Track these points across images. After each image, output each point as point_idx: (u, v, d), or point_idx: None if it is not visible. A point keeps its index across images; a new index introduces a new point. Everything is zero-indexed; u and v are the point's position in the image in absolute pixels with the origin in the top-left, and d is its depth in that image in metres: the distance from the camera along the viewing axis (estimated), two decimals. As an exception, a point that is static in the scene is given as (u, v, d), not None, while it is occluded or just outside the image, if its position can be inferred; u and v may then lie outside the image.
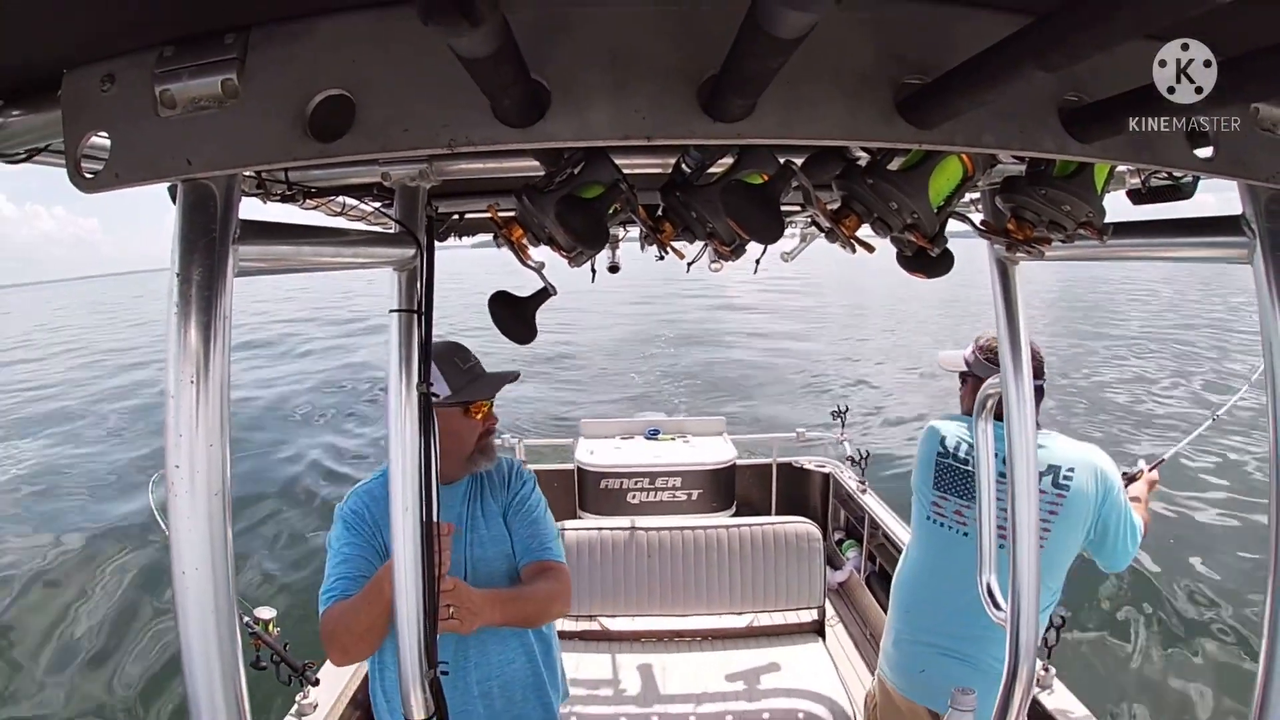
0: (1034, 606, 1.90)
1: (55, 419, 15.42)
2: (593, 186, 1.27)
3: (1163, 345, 20.39)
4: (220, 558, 0.99)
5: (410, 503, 1.81)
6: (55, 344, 33.06)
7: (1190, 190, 1.46)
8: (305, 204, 1.75)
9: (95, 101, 0.94)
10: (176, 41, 0.92)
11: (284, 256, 1.21)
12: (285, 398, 15.78)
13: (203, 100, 0.91)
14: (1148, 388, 15.13)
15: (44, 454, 12.77)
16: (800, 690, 2.91)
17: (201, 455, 0.96)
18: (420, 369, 1.78)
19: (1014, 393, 1.85)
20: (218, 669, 1.01)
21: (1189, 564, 6.99)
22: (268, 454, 11.41)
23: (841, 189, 1.22)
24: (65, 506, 9.75)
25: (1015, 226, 1.27)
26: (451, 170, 1.54)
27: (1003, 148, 0.98)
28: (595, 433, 5.36)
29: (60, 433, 14.21)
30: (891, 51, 0.93)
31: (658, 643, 3.32)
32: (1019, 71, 0.73)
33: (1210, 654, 5.68)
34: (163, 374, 0.96)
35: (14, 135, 1.07)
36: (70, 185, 0.98)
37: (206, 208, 0.98)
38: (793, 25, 0.62)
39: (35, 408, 17.09)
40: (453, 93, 0.89)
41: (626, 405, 14.03)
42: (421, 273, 1.78)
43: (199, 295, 0.96)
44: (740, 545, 3.29)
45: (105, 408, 16.15)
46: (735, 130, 0.91)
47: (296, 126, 0.91)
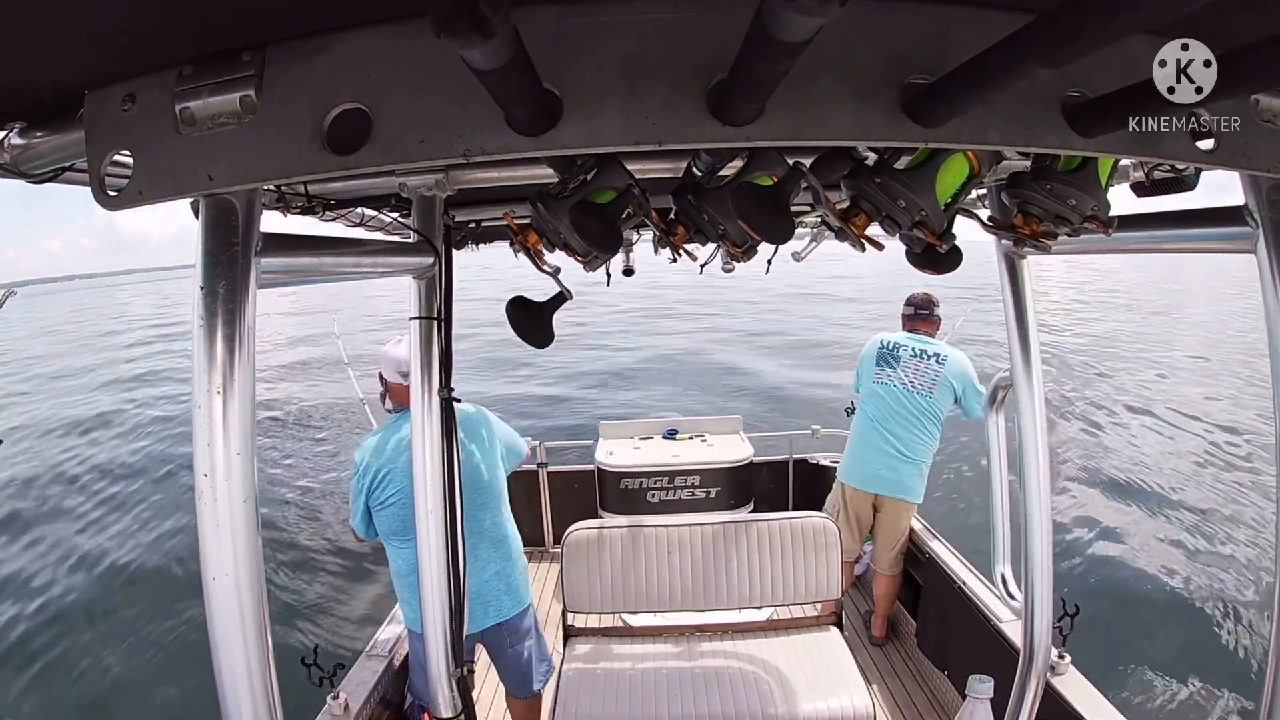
0: (1049, 594, 1.91)
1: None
2: (606, 192, 1.28)
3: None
4: (250, 563, 1.02)
5: (434, 505, 1.84)
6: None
7: (1193, 182, 1.47)
8: (325, 216, 1.78)
9: (117, 121, 0.97)
10: (195, 60, 0.94)
11: (305, 268, 1.23)
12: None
13: (222, 117, 0.93)
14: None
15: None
16: (820, 680, 2.93)
17: (229, 463, 0.99)
18: (441, 375, 1.81)
19: (1024, 385, 1.86)
20: (249, 674, 1.03)
21: (1206, 555, 6.94)
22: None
23: (850, 188, 1.23)
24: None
25: (1022, 222, 1.28)
26: (467, 179, 1.56)
27: (1008, 144, 0.99)
28: (614, 434, 5.38)
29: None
30: (896, 52, 0.94)
31: (680, 637, 3.34)
32: (1022, 69, 0.75)
33: (1222, 641, 5.66)
34: (189, 384, 0.99)
35: (39, 155, 1.10)
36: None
37: (228, 222, 1.01)
38: (799, 29, 0.63)
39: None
40: (466, 104, 0.91)
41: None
42: (440, 280, 1.80)
43: (223, 308, 0.98)
44: (759, 541, 3.30)
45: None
46: (744, 133, 0.92)
47: (314, 140, 0.93)
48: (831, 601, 3.39)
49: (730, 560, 3.29)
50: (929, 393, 4.07)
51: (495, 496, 2.92)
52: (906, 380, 4.12)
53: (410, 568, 2.77)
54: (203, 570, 1.00)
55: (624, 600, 3.31)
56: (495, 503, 2.92)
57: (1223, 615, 5.99)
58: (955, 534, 4.33)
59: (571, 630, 3.43)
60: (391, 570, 2.92)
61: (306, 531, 8.44)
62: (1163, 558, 6.93)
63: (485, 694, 3.71)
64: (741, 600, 3.32)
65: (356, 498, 2.81)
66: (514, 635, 2.99)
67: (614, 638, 3.40)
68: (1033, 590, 1.95)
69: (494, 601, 2.89)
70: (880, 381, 4.20)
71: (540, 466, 5.51)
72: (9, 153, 1.08)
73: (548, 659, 3.17)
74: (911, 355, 4.15)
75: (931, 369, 4.10)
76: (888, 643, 4.25)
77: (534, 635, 3.08)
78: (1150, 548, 7.13)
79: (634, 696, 2.90)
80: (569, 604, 3.34)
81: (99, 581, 7.51)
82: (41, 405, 16.60)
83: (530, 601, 3.05)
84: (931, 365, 4.11)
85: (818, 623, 3.40)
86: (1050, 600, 1.96)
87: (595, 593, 3.31)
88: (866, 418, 4.26)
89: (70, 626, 6.63)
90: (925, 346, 4.17)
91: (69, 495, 10.24)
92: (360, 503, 2.80)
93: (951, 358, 4.12)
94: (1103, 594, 6.18)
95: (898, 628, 4.33)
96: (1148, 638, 5.70)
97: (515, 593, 2.96)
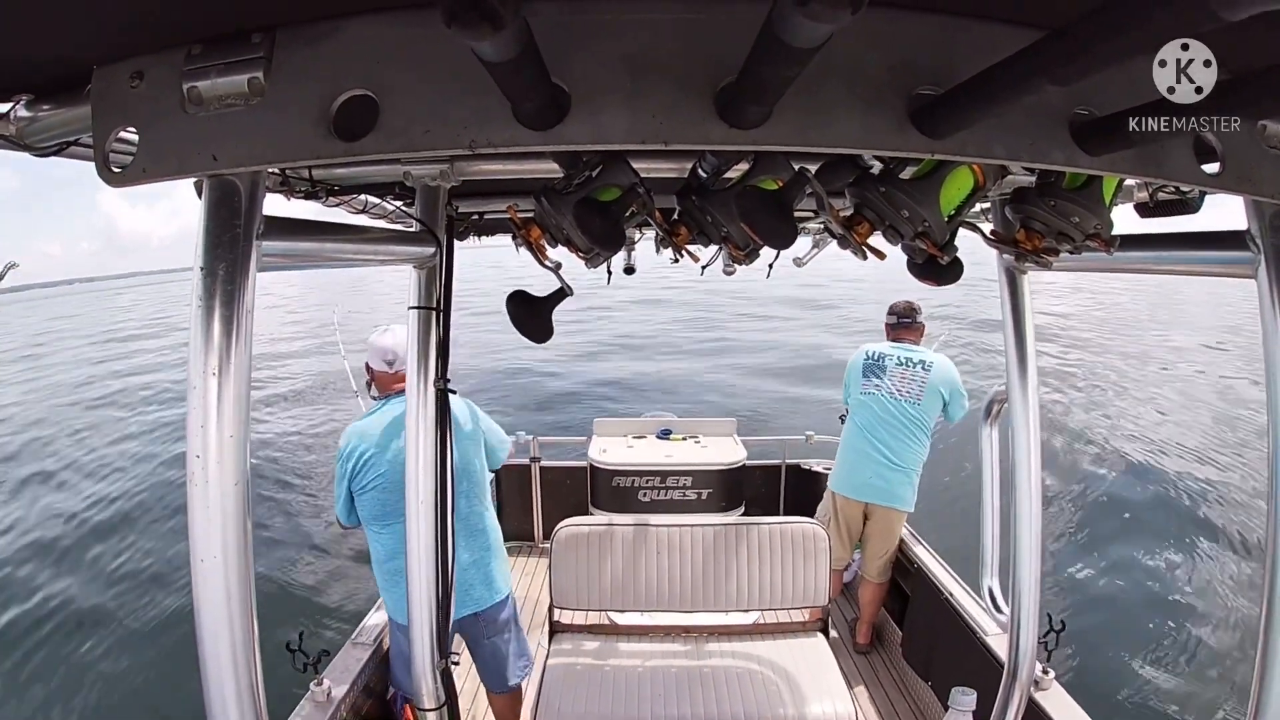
0: (1035, 609, 1.92)
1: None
2: (610, 189, 1.28)
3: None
4: (238, 546, 1.01)
5: (425, 495, 1.83)
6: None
7: (1197, 205, 1.47)
8: (328, 201, 1.78)
9: (124, 97, 0.96)
10: (204, 40, 0.94)
11: (306, 252, 1.23)
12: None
13: (229, 98, 0.93)
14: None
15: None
16: (805, 686, 2.94)
17: (222, 445, 0.98)
18: (438, 365, 1.81)
19: (1020, 399, 1.86)
20: (234, 657, 1.03)
21: (1196, 573, 6.96)
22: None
23: (854, 196, 1.23)
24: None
25: (1024, 237, 1.28)
26: (472, 171, 1.56)
27: (1013, 159, 0.99)
28: (608, 431, 5.39)
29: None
30: (905, 62, 0.94)
31: (665, 637, 3.35)
32: (1030, 85, 0.75)
33: (1208, 660, 5.68)
34: (185, 365, 0.99)
35: (45, 128, 1.10)
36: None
37: (231, 203, 1.00)
38: (809, 35, 0.63)
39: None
40: (474, 95, 0.91)
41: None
42: (441, 271, 1.80)
43: (222, 289, 0.98)
44: (749, 544, 3.31)
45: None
46: (751, 137, 0.93)
47: (321, 125, 0.93)
48: (819, 608, 3.39)
49: (720, 562, 3.30)
50: (916, 400, 4.09)
51: (476, 485, 2.93)
52: (894, 389, 4.14)
53: (389, 554, 2.79)
54: (191, 552, 1.00)
55: (612, 598, 3.31)
56: (476, 492, 2.92)
57: (1210, 635, 6.00)
58: (944, 546, 4.34)
59: (558, 626, 3.43)
60: (372, 558, 2.92)
61: (297, 517, 8.43)
62: (1151, 574, 6.94)
63: (469, 686, 3.71)
64: (729, 603, 3.32)
65: (340, 483, 2.81)
66: (491, 626, 2.99)
67: (600, 635, 3.40)
68: (1019, 604, 1.96)
69: (470, 591, 2.89)
70: (868, 392, 4.24)
71: (533, 461, 5.52)
72: (15, 125, 1.08)
73: (527, 654, 3.16)
74: (897, 364, 4.18)
75: (918, 376, 4.13)
76: (873, 651, 4.25)
77: (513, 629, 3.07)
78: (1138, 564, 7.15)
79: (618, 694, 2.91)
80: (556, 599, 3.34)
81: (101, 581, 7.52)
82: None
83: (509, 594, 3.05)
84: (918, 372, 4.14)
85: (804, 628, 3.41)
86: (1036, 615, 1.96)
87: (583, 589, 3.31)
88: (856, 427, 4.30)
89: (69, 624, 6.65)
90: (910, 354, 4.18)
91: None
92: (343, 487, 2.81)
93: (938, 364, 4.16)
94: (1089, 609, 6.19)
95: (884, 636, 4.33)
96: (1132, 654, 5.72)
97: (492, 583, 2.96)
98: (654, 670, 3.05)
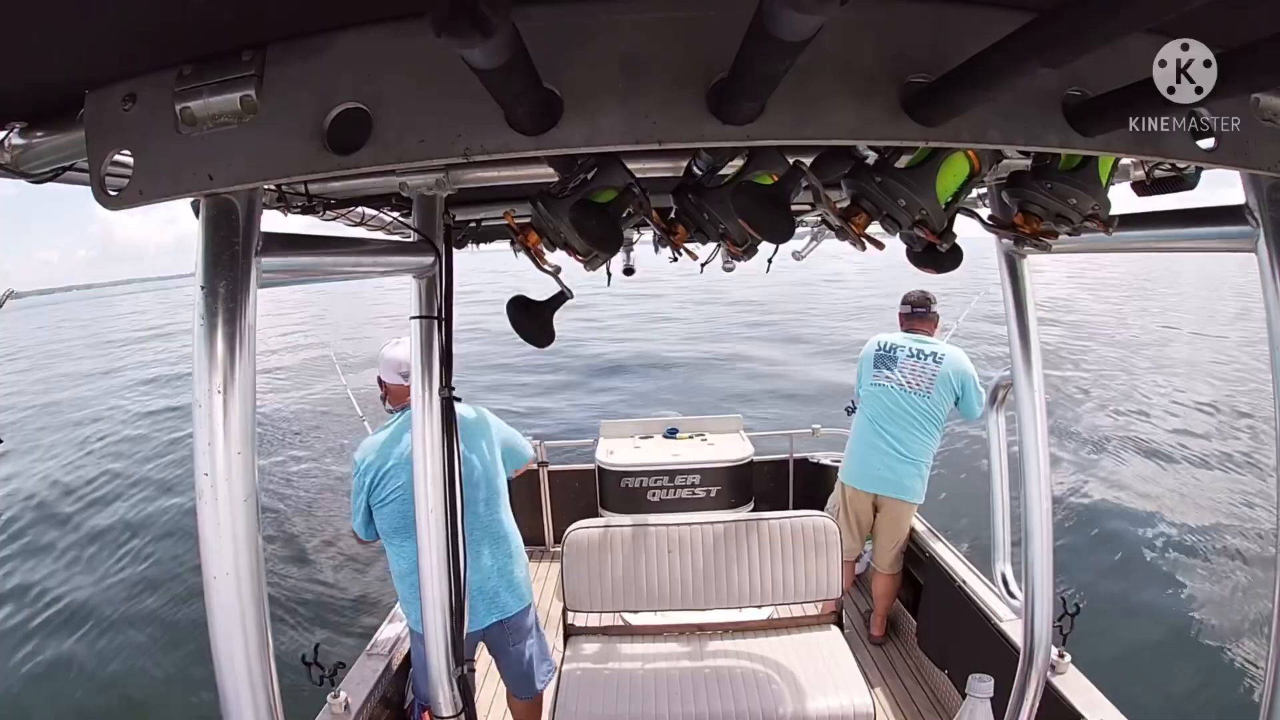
0: (1049, 593, 1.92)
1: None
2: (606, 191, 1.28)
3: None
4: (250, 562, 1.02)
5: (435, 504, 1.84)
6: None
7: (1193, 181, 1.46)
8: (325, 215, 1.78)
9: (117, 120, 0.96)
10: (195, 60, 0.94)
11: (306, 267, 1.23)
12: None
13: (222, 117, 0.93)
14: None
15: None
16: (821, 679, 2.94)
17: (230, 462, 0.99)
18: (442, 374, 1.81)
19: (1025, 384, 1.86)
20: (250, 673, 1.03)
21: (1209, 554, 6.94)
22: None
23: (850, 187, 1.23)
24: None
25: (1022, 221, 1.28)
26: (467, 179, 1.56)
27: (1008, 143, 0.99)
28: (615, 433, 5.39)
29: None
30: (897, 51, 0.94)
31: (680, 636, 3.35)
32: (1023, 68, 0.74)
33: (1224, 639, 5.66)
34: (190, 384, 0.99)
35: (39, 155, 1.10)
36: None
37: (229, 222, 1.01)
38: (799, 27, 0.63)
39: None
40: (466, 103, 0.91)
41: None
42: (440, 280, 1.80)
43: (224, 307, 0.98)
44: (759, 540, 3.30)
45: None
46: (745, 132, 0.92)
47: (315, 140, 0.93)
48: (832, 600, 3.39)
49: (731, 559, 3.30)
50: (926, 392, 4.08)
51: (495, 494, 2.93)
52: (904, 381, 4.14)
53: (410, 567, 2.78)
54: (204, 569, 1.01)
55: (624, 599, 3.32)
56: (495, 499, 2.93)
57: (1224, 614, 5.99)
58: (956, 532, 4.33)
59: (572, 629, 3.43)
60: (392, 571, 2.93)
61: (307, 530, 8.43)
62: (1164, 555, 6.93)
63: (486, 694, 3.72)
64: (742, 599, 3.32)
65: (357, 496, 2.81)
66: (516, 634, 2.99)
67: (614, 637, 3.41)
68: (1033, 589, 1.96)
69: (496, 598, 2.89)
70: (878, 383, 4.24)
71: (541, 465, 5.51)
72: (9, 153, 1.08)
73: (549, 659, 3.17)
74: (908, 355, 4.17)
75: (929, 368, 4.11)
76: (888, 642, 4.25)
77: (535, 634, 3.08)
78: (1152, 545, 7.14)
79: (635, 695, 2.91)
80: (569, 603, 3.35)
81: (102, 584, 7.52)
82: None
83: (532, 600, 3.05)
84: (929, 364, 4.12)
85: (818, 622, 3.41)
86: (1050, 599, 1.96)
87: (596, 592, 3.31)
88: (865, 418, 4.29)
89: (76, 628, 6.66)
90: (922, 346, 4.17)
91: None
92: (361, 501, 2.81)
93: (950, 356, 4.13)
94: (1104, 592, 6.17)
95: (898, 627, 4.33)
96: (1148, 636, 5.70)
97: (517, 589, 2.96)
98: (670, 670, 3.05)
